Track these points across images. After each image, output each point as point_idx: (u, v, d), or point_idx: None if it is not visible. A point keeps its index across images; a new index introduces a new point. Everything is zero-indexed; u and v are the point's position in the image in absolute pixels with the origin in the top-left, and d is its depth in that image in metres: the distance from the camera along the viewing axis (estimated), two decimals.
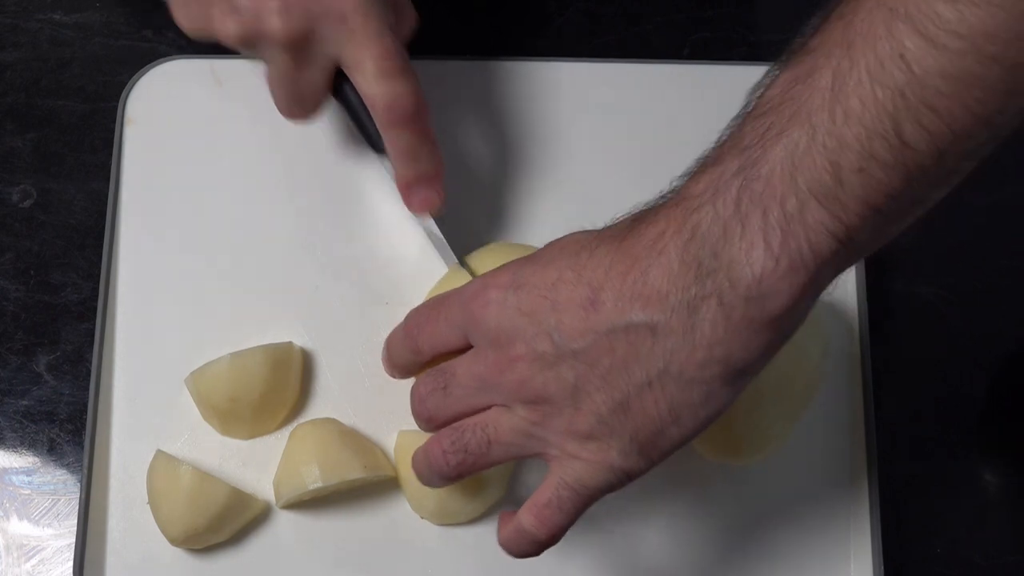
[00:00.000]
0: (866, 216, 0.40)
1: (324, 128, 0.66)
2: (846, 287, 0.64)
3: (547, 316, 0.46)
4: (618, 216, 0.48)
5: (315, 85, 0.57)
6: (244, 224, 0.64)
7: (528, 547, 0.49)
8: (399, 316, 0.59)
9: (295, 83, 0.57)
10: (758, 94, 0.44)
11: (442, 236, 0.61)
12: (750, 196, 0.41)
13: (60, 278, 0.65)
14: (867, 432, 0.61)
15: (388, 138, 0.57)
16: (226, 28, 0.55)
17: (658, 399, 0.44)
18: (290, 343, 0.61)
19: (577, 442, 0.46)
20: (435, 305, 0.53)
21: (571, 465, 0.47)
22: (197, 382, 0.59)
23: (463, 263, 0.61)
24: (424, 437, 0.58)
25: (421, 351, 0.53)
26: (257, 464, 0.60)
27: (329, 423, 0.60)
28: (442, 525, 0.59)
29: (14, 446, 0.63)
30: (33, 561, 0.61)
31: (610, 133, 0.67)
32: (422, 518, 0.59)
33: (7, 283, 0.65)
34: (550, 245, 0.49)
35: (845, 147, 0.39)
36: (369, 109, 0.57)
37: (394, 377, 0.57)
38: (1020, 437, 0.64)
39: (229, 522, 0.58)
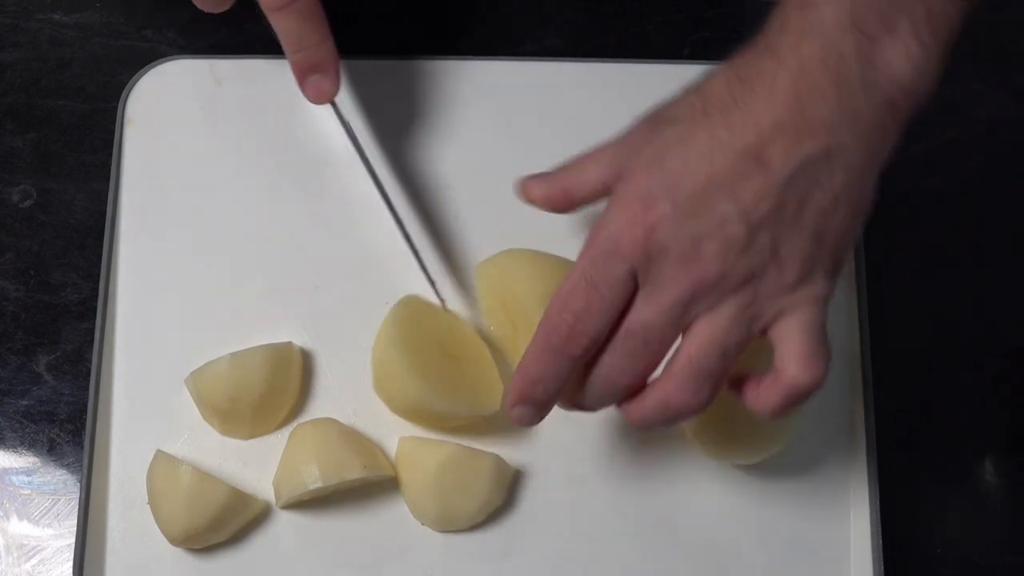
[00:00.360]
0: None
1: (324, 128, 0.66)
2: (846, 287, 0.64)
3: (721, 202, 0.47)
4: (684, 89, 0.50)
5: None
6: (244, 224, 0.64)
7: (803, 400, 0.49)
8: None
9: None
10: None
11: (351, 131, 0.60)
12: (895, 7, 0.46)
13: (60, 278, 0.65)
14: (867, 431, 0.61)
15: (275, 25, 0.57)
16: None
17: (844, 212, 0.47)
18: (290, 343, 0.61)
19: (791, 294, 0.48)
20: (577, 286, 0.49)
21: (799, 313, 0.48)
22: (197, 382, 0.59)
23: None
24: (422, 445, 0.58)
25: (595, 338, 0.49)
26: (257, 464, 0.60)
27: (329, 423, 0.60)
28: (442, 532, 0.59)
29: (14, 446, 0.63)
30: (33, 561, 0.61)
31: (610, 133, 0.66)
32: (423, 525, 0.59)
33: (7, 283, 0.65)
34: (658, 144, 0.48)
35: None
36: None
37: (535, 421, 0.53)
38: (1020, 437, 0.64)
39: (229, 522, 0.58)
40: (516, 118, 0.66)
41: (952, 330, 0.65)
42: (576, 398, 0.52)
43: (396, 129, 0.66)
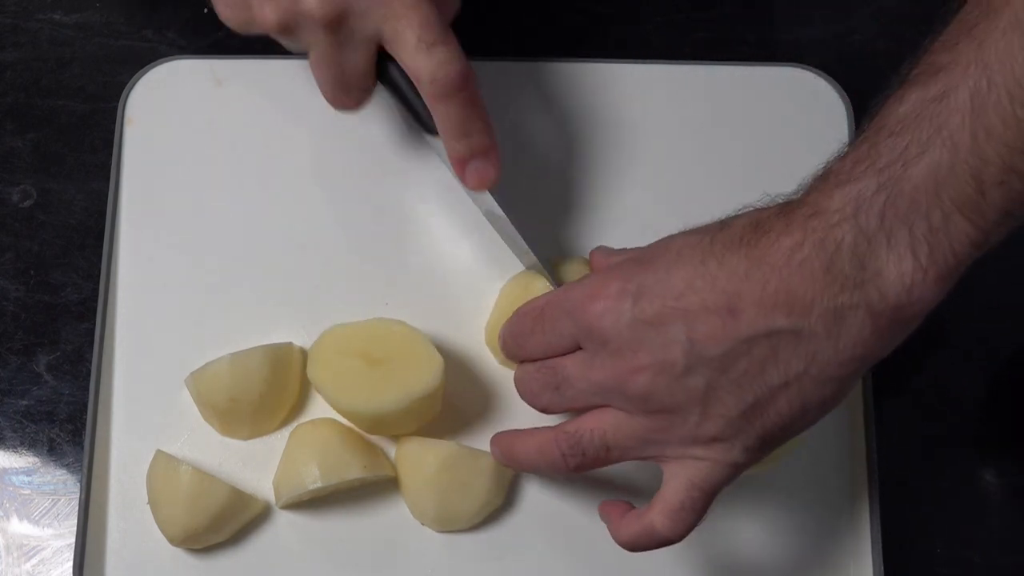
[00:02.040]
0: (1002, 222, 0.43)
1: (324, 128, 0.66)
2: None
3: (676, 326, 0.46)
4: (715, 217, 0.50)
5: (358, 66, 0.56)
6: (244, 224, 0.64)
7: (656, 546, 0.50)
8: (399, 316, 0.59)
9: (338, 66, 0.55)
10: (887, 111, 0.45)
11: (507, 218, 0.59)
12: (895, 212, 0.43)
13: (60, 278, 0.65)
14: (867, 432, 0.61)
15: (437, 113, 0.55)
16: (264, 16, 0.55)
17: (792, 399, 0.46)
18: (290, 343, 0.61)
19: (701, 446, 0.48)
20: (535, 316, 0.53)
21: (696, 467, 0.48)
22: (197, 382, 0.59)
23: (541, 261, 0.60)
24: (422, 444, 0.58)
25: (529, 356, 0.54)
26: (257, 464, 0.60)
27: (329, 423, 0.60)
28: (442, 532, 0.59)
29: (14, 446, 0.63)
30: (33, 561, 0.61)
31: (610, 134, 0.67)
32: (423, 525, 0.59)
33: (7, 283, 0.65)
34: (661, 249, 0.49)
35: (987, 163, 0.42)
36: (415, 83, 0.55)
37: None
38: (1020, 437, 0.64)
39: (229, 522, 0.58)
40: (516, 118, 0.66)
41: (952, 330, 0.65)
42: None
43: (395, 129, 0.66)
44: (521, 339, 0.54)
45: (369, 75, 0.57)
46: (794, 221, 0.45)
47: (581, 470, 0.51)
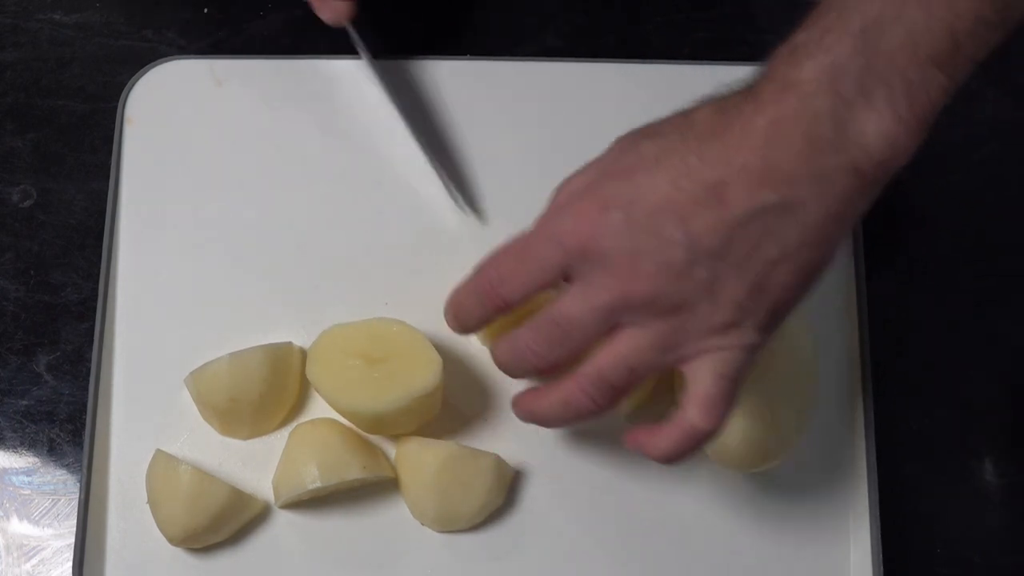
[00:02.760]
0: (969, 69, 0.46)
1: (324, 128, 0.66)
2: (846, 288, 0.64)
3: (670, 225, 0.47)
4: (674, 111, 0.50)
5: None
6: (244, 224, 0.64)
7: (701, 444, 0.50)
8: (398, 315, 0.59)
9: None
10: None
11: (368, 52, 0.59)
12: (873, 74, 0.45)
13: (60, 278, 0.65)
14: (867, 432, 0.61)
15: None
16: None
17: (792, 269, 0.47)
18: (290, 343, 0.61)
19: (718, 335, 0.48)
20: (516, 252, 0.51)
21: (718, 357, 0.48)
22: (197, 382, 0.59)
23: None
24: (422, 444, 0.58)
25: (509, 303, 0.52)
26: (257, 464, 0.60)
27: (329, 423, 0.60)
28: (442, 532, 0.59)
29: (14, 446, 0.63)
30: (33, 561, 0.61)
31: (610, 133, 0.66)
32: (423, 525, 0.59)
33: (7, 283, 0.65)
34: (633, 158, 0.49)
35: (960, 17, 0.44)
36: None
37: (461, 334, 0.57)
38: (1020, 437, 0.64)
39: (228, 522, 0.58)
40: (516, 118, 0.66)
41: (952, 330, 0.65)
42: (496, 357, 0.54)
43: (395, 129, 0.66)
44: (498, 282, 0.52)
45: None
46: (764, 99, 0.46)
47: (612, 405, 0.50)
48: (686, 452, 0.50)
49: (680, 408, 0.49)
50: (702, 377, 0.49)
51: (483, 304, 0.53)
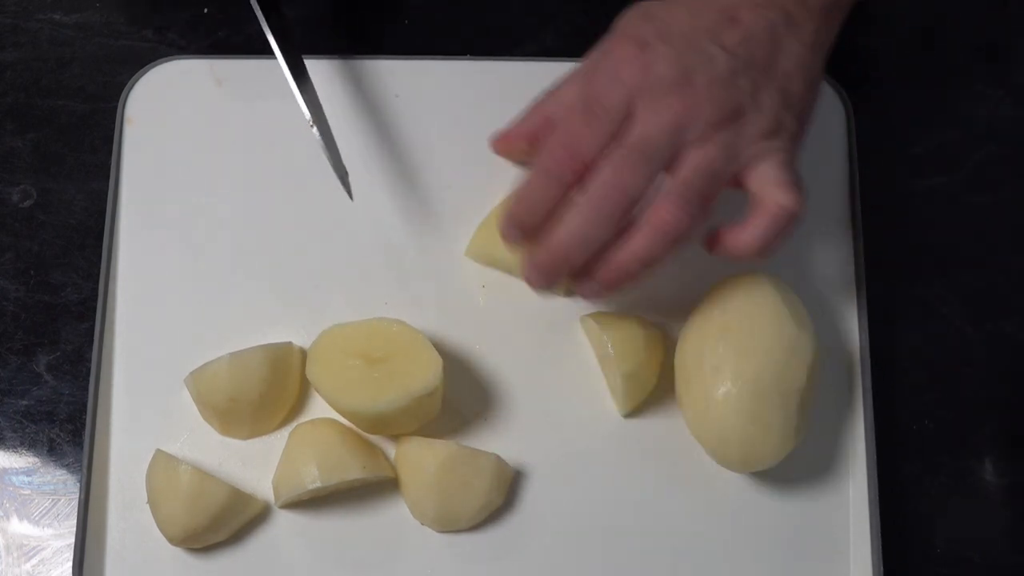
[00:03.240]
0: None
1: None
2: (846, 288, 0.64)
3: (707, 43, 0.53)
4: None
5: None
6: (244, 224, 0.64)
7: (790, 228, 0.54)
8: (399, 316, 0.59)
9: None
10: None
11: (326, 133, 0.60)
12: None
13: (60, 278, 0.65)
14: (867, 432, 0.61)
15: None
16: None
17: (802, 79, 0.55)
18: (290, 343, 0.61)
19: (767, 140, 0.54)
20: (584, 107, 0.54)
21: (776, 155, 0.54)
22: (197, 382, 0.59)
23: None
24: (422, 444, 0.58)
25: (588, 162, 0.54)
26: (256, 464, 0.60)
27: (329, 423, 0.60)
28: (442, 532, 0.59)
29: (14, 446, 0.63)
30: (33, 561, 0.61)
31: None
32: (423, 525, 0.59)
33: (7, 283, 0.65)
34: (631, 14, 0.56)
35: None
36: None
37: (520, 242, 0.57)
38: (1020, 437, 0.64)
39: (228, 522, 0.58)
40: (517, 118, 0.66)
41: (952, 330, 0.65)
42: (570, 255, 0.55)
43: (395, 129, 0.66)
44: (577, 143, 0.54)
45: None
46: None
47: (703, 216, 0.54)
48: (779, 236, 0.54)
49: (759, 201, 0.54)
50: (768, 172, 0.54)
51: (560, 179, 0.54)
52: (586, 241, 0.54)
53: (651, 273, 0.55)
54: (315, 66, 0.67)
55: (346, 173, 0.59)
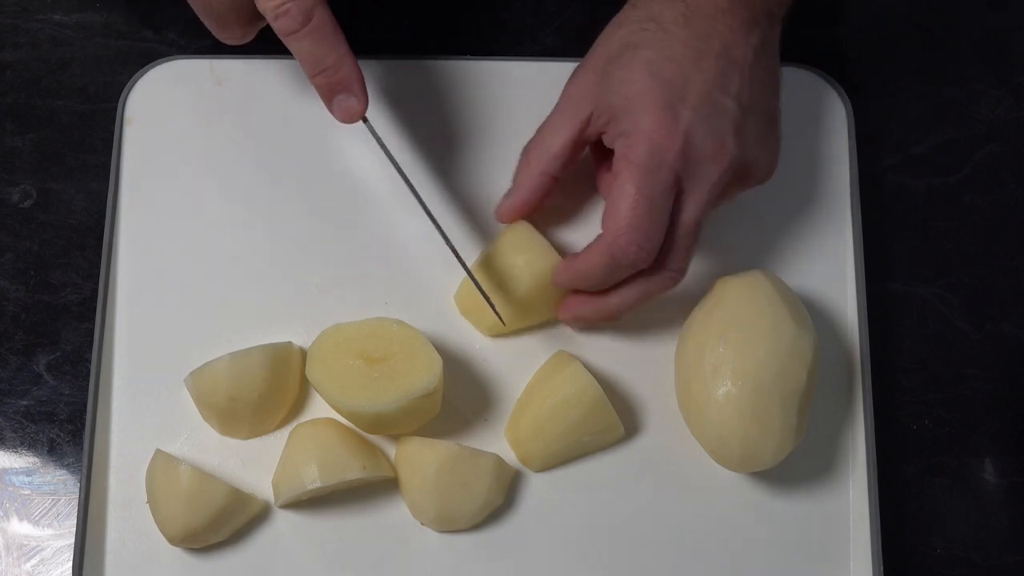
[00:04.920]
0: None
1: (323, 128, 0.66)
2: (846, 288, 0.64)
3: (722, 98, 0.56)
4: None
5: (224, 3, 0.57)
6: (243, 224, 0.64)
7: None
8: (399, 315, 0.59)
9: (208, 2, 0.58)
10: None
11: (384, 146, 0.60)
12: None
13: (60, 278, 0.65)
14: (867, 432, 0.61)
15: (290, 49, 0.56)
16: None
17: (776, 87, 0.60)
18: (290, 343, 0.61)
19: (760, 169, 0.59)
20: (648, 203, 0.55)
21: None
22: (197, 382, 0.59)
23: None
24: (422, 444, 0.58)
25: (654, 253, 0.56)
26: (256, 464, 0.60)
27: (329, 423, 0.60)
28: (442, 532, 0.59)
29: (14, 446, 0.63)
30: (33, 561, 0.61)
31: None
32: (423, 525, 0.59)
33: (7, 283, 0.65)
34: (636, 65, 0.57)
35: None
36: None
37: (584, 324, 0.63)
38: (1020, 437, 0.64)
39: (228, 521, 0.58)
40: (516, 118, 0.66)
41: (952, 330, 0.65)
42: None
43: (396, 129, 0.66)
44: (650, 233, 0.56)
45: (239, 10, 0.57)
46: None
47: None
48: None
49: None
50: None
51: (632, 268, 0.57)
52: (632, 308, 0.59)
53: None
54: None
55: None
